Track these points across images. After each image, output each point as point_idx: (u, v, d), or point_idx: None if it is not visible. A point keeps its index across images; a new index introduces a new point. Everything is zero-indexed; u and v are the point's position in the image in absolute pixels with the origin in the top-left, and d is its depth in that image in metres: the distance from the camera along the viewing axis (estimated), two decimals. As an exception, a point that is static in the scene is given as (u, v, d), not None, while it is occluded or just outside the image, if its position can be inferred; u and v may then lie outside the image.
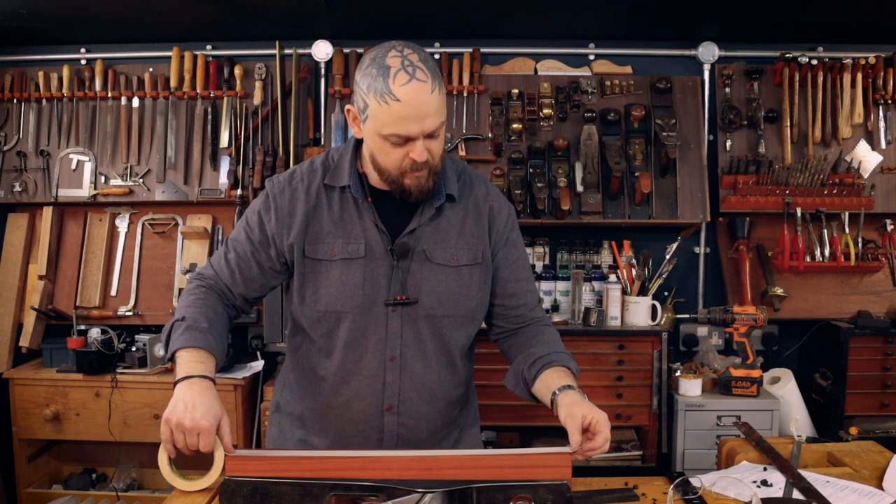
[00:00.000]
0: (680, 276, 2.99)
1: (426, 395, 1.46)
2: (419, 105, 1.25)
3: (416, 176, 1.34)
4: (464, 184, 1.48)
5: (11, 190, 2.92)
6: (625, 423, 2.68)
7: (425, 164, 1.32)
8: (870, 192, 2.83)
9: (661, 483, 1.44)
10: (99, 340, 2.75)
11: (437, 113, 1.28)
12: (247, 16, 2.74)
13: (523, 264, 1.54)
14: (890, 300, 2.89)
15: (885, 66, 2.88)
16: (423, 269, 1.42)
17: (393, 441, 1.47)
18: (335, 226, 1.42)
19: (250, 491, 1.21)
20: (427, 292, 1.42)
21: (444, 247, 1.43)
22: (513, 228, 1.53)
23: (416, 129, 1.28)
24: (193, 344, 1.32)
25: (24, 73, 2.96)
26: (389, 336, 1.42)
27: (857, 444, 1.60)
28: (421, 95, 1.25)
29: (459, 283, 1.44)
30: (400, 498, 1.17)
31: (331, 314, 1.42)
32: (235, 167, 2.84)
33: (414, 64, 1.26)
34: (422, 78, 1.25)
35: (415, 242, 1.42)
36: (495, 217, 1.49)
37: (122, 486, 2.82)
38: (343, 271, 1.41)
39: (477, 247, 1.46)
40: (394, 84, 1.25)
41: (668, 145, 2.69)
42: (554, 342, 1.50)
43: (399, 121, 1.27)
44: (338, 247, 1.41)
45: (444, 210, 1.45)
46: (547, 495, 1.19)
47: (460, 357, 1.50)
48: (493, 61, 2.99)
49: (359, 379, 1.44)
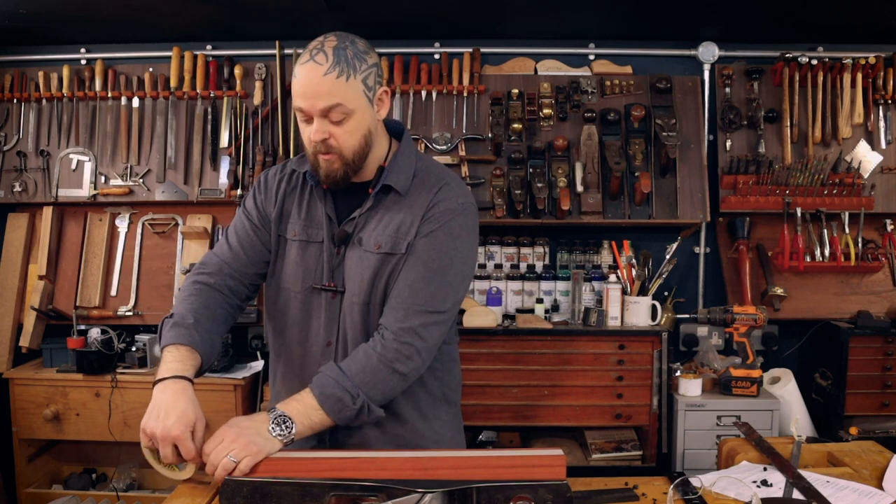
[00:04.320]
0: (680, 276, 2.99)
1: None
2: (309, 83, 1.32)
3: (325, 159, 1.38)
4: (419, 180, 1.47)
5: (11, 190, 2.93)
6: (625, 423, 2.68)
7: (327, 146, 1.36)
8: (870, 192, 2.83)
9: (661, 483, 1.44)
10: (99, 340, 2.75)
11: (330, 95, 1.31)
12: (247, 16, 2.74)
13: (432, 262, 1.39)
14: (890, 300, 2.89)
15: (885, 66, 2.88)
16: (353, 256, 1.44)
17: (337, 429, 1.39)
18: (301, 209, 1.50)
19: (250, 491, 1.21)
20: (354, 279, 1.44)
21: (374, 234, 1.44)
22: (447, 222, 1.40)
23: (306, 105, 1.33)
24: (177, 341, 1.35)
25: (24, 73, 2.96)
26: (327, 321, 1.46)
27: (857, 444, 1.60)
28: (311, 75, 1.31)
29: (377, 271, 1.42)
30: (400, 498, 1.17)
31: (285, 291, 1.50)
32: (235, 167, 2.84)
33: (323, 49, 1.32)
34: (320, 60, 1.31)
35: (354, 230, 1.45)
36: (432, 208, 1.42)
37: (122, 486, 2.82)
38: (299, 252, 1.48)
39: (405, 237, 1.42)
40: (298, 63, 1.35)
41: (668, 145, 2.69)
42: (349, 362, 1.36)
43: (295, 94, 1.34)
44: (299, 227, 1.49)
45: (387, 201, 1.45)
46: (547, 495, 1.19)
47: None
48: (493, 61, 2.99)
49: (303, 360, 1.49)
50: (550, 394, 2.63)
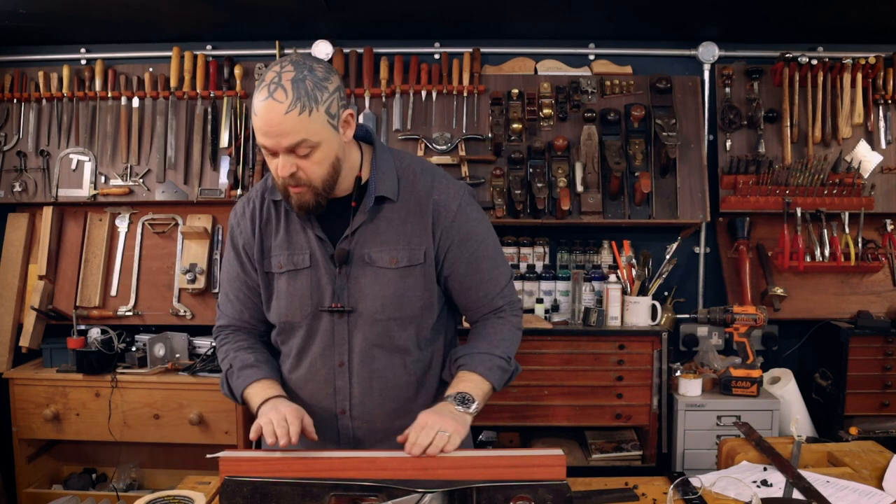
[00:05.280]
0: (680, 276, 2.99)
1: (377, 397, 1.48)
2: (270, 122, 1.27)
3: (296, 192, 1.36)
4: (406, 181, 1.46)
5: (11, 190, 2.93)
6: (625, 423, 2.68)
7: (297, 179, 1.33)
8: (870, 192, 2.83)
9: (661, 483, 1.44)
10: (99, 340, 2.75)
11: (294, 133, 1.27)
12: (247, 16, 2.74)
13: (484, 254, 1.49)
14: (890, 300, 2.89)
15: (885, 66, 2.88)
16: (366, 274, 1.43)
17: (350, 443, 1.50)
18: (282, 239, 1.48)
19: (250, 491, 1.21)
20: (371, 297, 1.43)
21: (385, 249, 1.43)
22: (466, 220, 1.47)
23: (271, 144, 1.29)
24: (252, 380, 1.45)
25: (24, 73, 2.96)
26: (337, 342, 1.46)
27: (857, 444, 1.61)
28: (272, 114, 1.26)
29: (403, 286, 1.44)
30: (400, 498, 1.17)
31: (285, 324, 1.49)
32: (235, 167, 2.84)
33: (280, 83, 1.26)
34: (279, 98, 1.25)
35: (354, 247, 1.43)
36: (440, 212, 1.44)
37: (122, 486, 2.82)
38: (291, 283, 1.46)
39: (420, 246, 1.44)
40: (256, 98, 1.29)
41: (668, 145, 2.69)
42: (489, 340, 1.48)
43: (258, 133, 1.30)
44: (283, 259, 1.47)
45: (383, 211, 1.44)
46: (547, 495, 1.19)
47: (416, 354, 1.50)
48: (493, 61, 2.99)
49: (312, 384, 1.49)
50: (550, 394, 2.63)
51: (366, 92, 2.88)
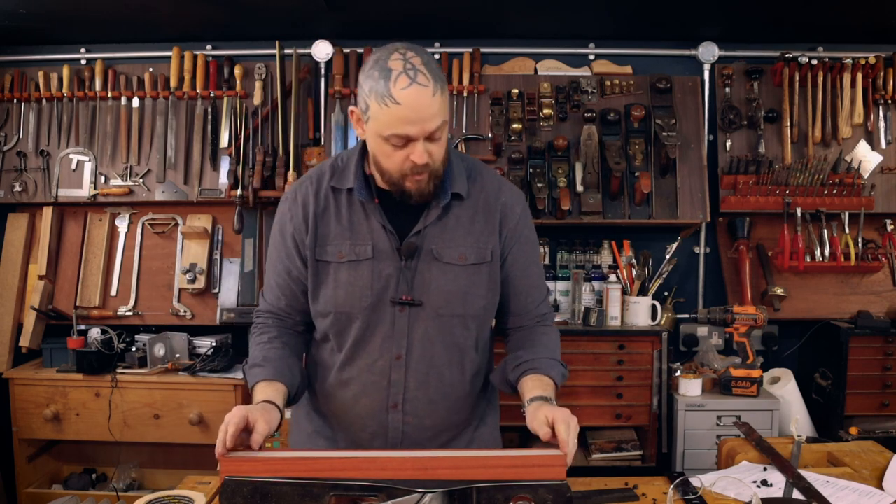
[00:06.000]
0: (680, 276, 2.99)
1: (431, 393, 1.46)
2: (419, 108, 1.26)
3: (417, 180, 1.35)
4: (473, 181, 1.48)
5: (11, 190, 2.93)
6: (625, 423, 2.68)
7: (426, 167, 1.33)
8: (870, 192, 2.83)
9: (661, 483, 1.44)
10: (99, 340, 2.75)
11: (439, 115, 1.29)
12: (247, 16, 2.74)
13: (535, 260, 1.54)
14: (890, 300, 2.89)
15: (885, 66, 2.88)
16: (432, 269, 1.42)
17: (398, 438, 1.47)
18: (343, 228, 1.44)
19: (250, 491, 1.21)
20: (435, 292, 1.42)
21: (453, 245, 1.43)
22: (525, 225, 1.51)
23: (416, 131, 1.28)
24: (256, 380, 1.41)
25: (24, 73, 2.96)
26: (396, 335, 1.43)
27: (857, 444, 1.61)
28: (422, 99, 1.26)
29: (468, 283, 1.44)
30: (400, 498, 1.17)
31: (341, 314, 1.44)
32: (235, 167, 2.84)
33: (416, 67, 1.26)
34: (423, 82, 1.26)
35: (422, 242, 1.42)
36: (507, 214, 1.48)
37: (122, 486, 2.82)
38: (351, 273, 1.43)
39: (486, 245, 1.45)
40: (394, 87, 1.25)
41: (668, 145, 2.69)
42: (547, 347, 1.49)
43: (398, 122, 1.27)
44: (345, 249, 1.43)
45: (452, 208, 1.45)
46: (547, 495, 1.18)
47: (472, 355, 1.50)
48: (493, 61, 2.99)
49: (366, 376, 1.46)
50: (550, 394, 2.62)
51: (366, 92, 2.88)
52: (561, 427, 1.23)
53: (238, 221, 2.82)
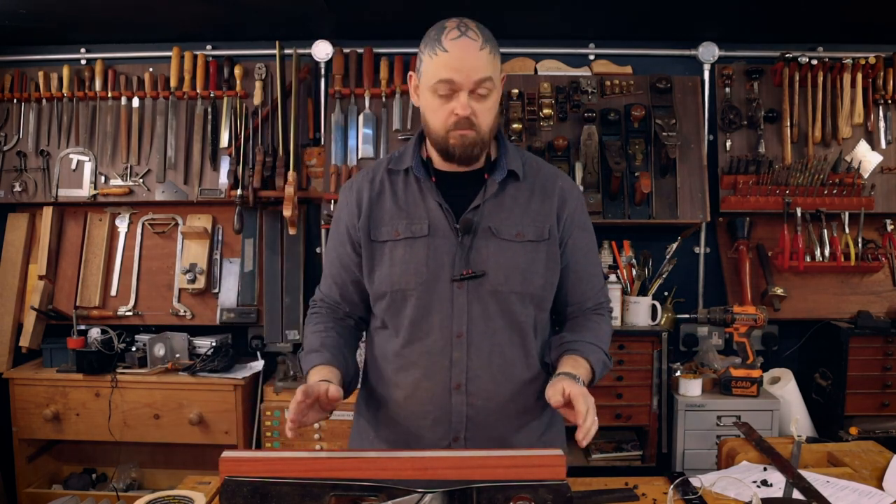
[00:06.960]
0: (680, 276, 2.98)
1: (495, 372, 1.44)
2: (465, 58, 1.32)
3: (461, 134, 1.37)
4: (529, 166, 1.51)
5: (11, 190, 2.93)
6: (625, 423, 2.68)
7: (468, 122, 1.36)
8: (870, 192, 2.83)
9: (661, 483, 1.44)
10: (99, 340, 2.75)
11: (485, 69, 1.34)
12: (247, 16, 2.74)
13: (593, 248, 1.56)
14: (890, 300, 2.89)
15: (885, 66, 2.88)
16: (490, 245, 1.42)
17: (462, 423, 1.44)
18: (398, 208, 1.47)
19: (250, 491, 1.21)
20: (493, 267, 1.42)
21: (510, 223, 1.44)
22: (584, 212, 1.53)
23: (460, 78, 1.33)
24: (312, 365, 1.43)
25: (24, 73, 2.96)
26: (455, 312, 1.42)
27: (857, 444, 1.61)
28: (469, 50, 1.33)
29: (526, 259, 1.43)
30: (400, 498, 1.17)
31: (397, 292, 1.44)
32: (235, 167, 2.84)
33: (468, 26, 1.36)
34: (472, 37, 1.34)
35: (479, 219, 1.43)
36: (566, 198, 1.49)
37: (122, 486, 2.82)
38: (407, 250, 1.44)
39: (544, 224, 1.46)
40: (445, 38, 1.34)
41: (668, 145, 2.69)
42: (594, 332, 1.49)
43: (444, 68, 1.33)
44: (401, 227, 1.45)
45: (508, 187, 1.46)
46: (547, 495, 1.18)
47: (533, 337, 1.48)
48: (493, 61, 2.98)
49: (427, 357, 1.44)
50: (550, 394, 2.62)
51: (366, 92, 2.88)
52: (580, 399, 1.25)
53: (238, 221, 2.82)
